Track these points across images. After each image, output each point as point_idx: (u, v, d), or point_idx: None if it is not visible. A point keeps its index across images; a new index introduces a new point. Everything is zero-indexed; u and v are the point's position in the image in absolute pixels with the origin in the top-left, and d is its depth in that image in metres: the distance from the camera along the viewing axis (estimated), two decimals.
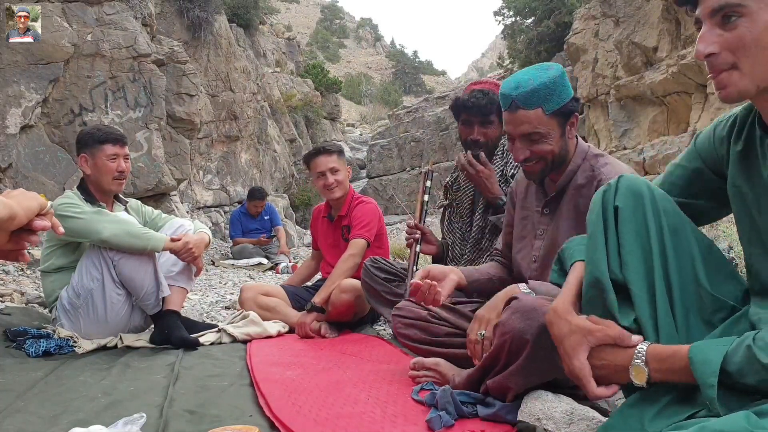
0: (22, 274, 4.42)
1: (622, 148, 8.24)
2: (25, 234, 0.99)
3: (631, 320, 1.14)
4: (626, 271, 1.15)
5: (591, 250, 1.20)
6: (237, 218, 7.46)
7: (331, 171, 3.20)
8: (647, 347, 1.10)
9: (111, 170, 2.74)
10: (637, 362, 1.08)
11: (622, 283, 1.15)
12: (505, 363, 1.57)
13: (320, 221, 3.43)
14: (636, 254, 1.16)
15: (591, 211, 1.23)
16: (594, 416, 1.47)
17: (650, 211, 1.17)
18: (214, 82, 9.03)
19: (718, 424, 0.89)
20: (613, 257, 1.16)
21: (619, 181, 1.21)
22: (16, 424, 1.66)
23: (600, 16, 9.09)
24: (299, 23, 43.06)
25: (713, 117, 6.37)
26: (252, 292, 3.24)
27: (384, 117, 22.29)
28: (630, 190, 1.19)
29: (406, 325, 2.12)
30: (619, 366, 1.12)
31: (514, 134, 1.76)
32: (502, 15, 15.03)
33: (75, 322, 2.67)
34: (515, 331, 1.51)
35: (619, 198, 1.19)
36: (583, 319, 1.18)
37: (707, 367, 1.00)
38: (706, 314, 1.18)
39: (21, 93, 5.32)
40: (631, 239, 1.16)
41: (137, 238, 2.60)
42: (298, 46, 18.33)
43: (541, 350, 1.49)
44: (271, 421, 1.68)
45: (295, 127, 13.10)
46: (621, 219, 1.18)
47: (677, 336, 1.14)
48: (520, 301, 1.55)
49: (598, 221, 1.20)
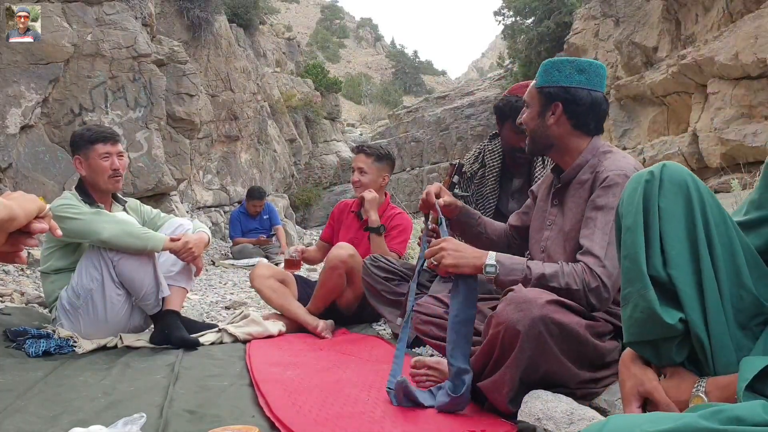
0: (22, 274, 4.42)
1: (622, 148, 8.24)
2: (23, 236, 0.99)
3: (676, 319, 1.08)
4: (671, 268, 1.09)
5: (629, 244, 1.14)
6: (236, 218, 7.46)
7: (359, 170, 3.21)
8: (706, 381, 1.07)
9: (105, 169, 2.73)
10: (698, 394, 1.06)
11: (664, 281, 1.10)
12: (499, 355, 1.57)
13: (347, 215, 3.39)
14: (682, 251, 1.10)
15: (629, 203, 1.16)
16: (594, 416, 1.47)
17: (697, 206, 1.11)
18: (214, 82, 9.03)
19: (736, 409, 0.88)
20: (655, 254, 1.10)
21: (663, 172, 1.13)
22: (16, 424, 1.66)
23: (600, 16, 9.10)
24: (299, 23, 43.04)
25: (713, 117, 6.37)
26: (267, 270, 3.22)
27: (384, 117, 22.28)
28: (674, 184, 1.12)
29: (424, 322, 2.15)
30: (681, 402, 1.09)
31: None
32: (502, 15, 15.05)
33: (75, 322, 2.66)
34: (508, 322, 1.52)
35: (664, 193, 1.12)
36: (642, 369, 1.16)
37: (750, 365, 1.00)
38: (744, 317, 1.11)
39: (21, 93, 5.32)
40: (677, 235, 1.10)
41: (136, 239, 2.60)
42: (298, 46, 18.31)
43: (533, 341, 1.50)
44: (272, 421, 1.68)
45: (295, 127, 13.10)
46: (665, 215, 1.11)
47: (729, 338, 1.09)
48: (515, 293, 1.56)
49: (638, 215, 1.13)
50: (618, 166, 1.72)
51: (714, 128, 6.31)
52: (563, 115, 1.80)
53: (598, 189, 1.72)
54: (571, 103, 1.78)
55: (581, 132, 1.82)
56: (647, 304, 1.10)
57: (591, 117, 1.80)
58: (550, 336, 1.51)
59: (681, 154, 6.88)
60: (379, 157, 3.23)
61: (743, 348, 1.10)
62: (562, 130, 1.82)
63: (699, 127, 6.62)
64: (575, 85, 1.77)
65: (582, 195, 1.78)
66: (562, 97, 1.78)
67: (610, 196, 1.68)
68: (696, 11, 6.92)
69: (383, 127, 17.86)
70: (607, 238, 1.64)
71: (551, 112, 1.80)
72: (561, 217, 1.85)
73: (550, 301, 1.52)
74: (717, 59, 6.14)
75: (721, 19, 6.46)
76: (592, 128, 1.83)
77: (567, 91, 1.78)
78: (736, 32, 6.03)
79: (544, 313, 1.50)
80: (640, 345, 1.15)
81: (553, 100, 1.79)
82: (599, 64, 1.84)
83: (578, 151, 1.83)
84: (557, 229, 1.85)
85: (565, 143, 1.83)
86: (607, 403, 1.62)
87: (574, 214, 1.79)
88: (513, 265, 1.69)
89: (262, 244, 7.22)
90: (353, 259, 2.97)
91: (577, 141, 1.83)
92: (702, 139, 6.56)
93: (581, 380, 1.61)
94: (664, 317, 1.08)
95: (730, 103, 6.19)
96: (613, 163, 1.74)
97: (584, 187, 1.78)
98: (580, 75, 1.77)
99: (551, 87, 1.79)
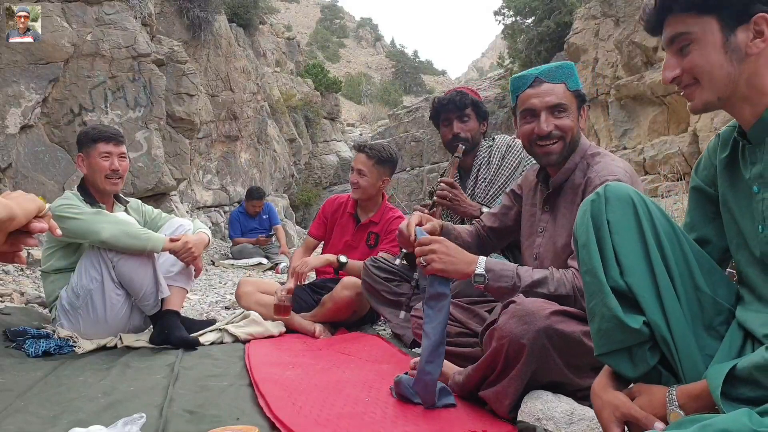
0: (22, 274, 4.42)
1: (622, 148, 8.24)
2: (23, 236, 0.99)
3: (640, 323, 1.13)
4: (628, 276, 1.15)
5: (586, 260, 1.20)
6: (236, 218, 7.46)
7: (358, 171, 3.16)
8: (676, 391, 1.10)
9: (103, 168, 2.73)
10: (674, 409, 1.09)
11: (624, 290, 1.15)
12: (503, 368, 1.57)
13: (341, 216, 3.31)
14: (637, 259, 1.16)
15: (580, 223, 1.23)
16: (594, 416, 1.47)
17: (644, 217, 1.18)
18: (214, 82, 9.02)
19: (721, 421, 0.89)
20: (611, 265, 1.16)
21: (607, 191, 1.22)
22: (16, 424, 1.66)
23: (600, 16, 9.09)
24: (299, 23, 43.04)
25: (713, 117, 6.37)
26: (250, 287, 3.18)
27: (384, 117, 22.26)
28: (620, 200, 1.20)
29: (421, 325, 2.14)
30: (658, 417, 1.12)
31: (539, 107, 1.77)
32: (502, 15, 15.03)
33: (75, 322, 2.66)
34: (512, 335, 1.51)
35: (611, 209, 1.20)
36: (614, 395, 1.18)
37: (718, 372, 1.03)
38: (707, 318, 1.18)
39: (21, 93, 5.31)
40: (629, 246, 1.17)
41: (136, 239, 2.60)
42: (298, 46, 18.30)
43: (537, 354, 1.50)
44: (272, 421, 1.68)
45: (295, 127, 13.09)
46: (615, 228, 1.18)
47: (692, 336, 1.15)
48: (518, 305, 1.55)
49: (589, 232, 1.20)
50: (609, 171, 1.71)
51: (714, 128, 6.31)
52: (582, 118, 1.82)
53: (589, 194, 1.71)
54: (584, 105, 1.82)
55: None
56: (611, 312, 1.15)
57: None
58: (554, 348, 1.51)
59: (681, 154, 6.88)
60: (380, 161, 3.14)
61: (708, 347, 1.16)
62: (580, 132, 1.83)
63: (699, 127, 6.62)
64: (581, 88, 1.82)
65: (574, 200, 1.77)
66: (586, 98, 1.82)
67: None
68: None
69: (383, 127, 17.84)
70: None
71: (581, 113, 1.81)
72: (553, 224, 1.84)
73: (552, 312, 1.51)
74: None
75: None
76: None
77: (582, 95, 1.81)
78: None
79: (548, 325, 1.49)
80: (614, 357, 1.19)
81: (584, 101, 1.81)
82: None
83: (576, 146, 1.83)
84: (549, 236, 1.84)
85: (577, 142, 1.83)
86: None
87: (567, 220, 1.78)
88: (503, 271, 1.68)
89: (261, 243, 7.22)
90: (358, 297, 2.94)
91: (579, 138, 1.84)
92: (702, 139, 6.57)
93: (584, 387, 1.61)
94: (628, 322, 1.14)
95: None
96: (604, 167, 1.74)
97: (576, 192, 1.77)
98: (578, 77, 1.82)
99: (580, 88, 1.81)
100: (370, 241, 3.21)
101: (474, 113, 2.72)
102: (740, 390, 1.01)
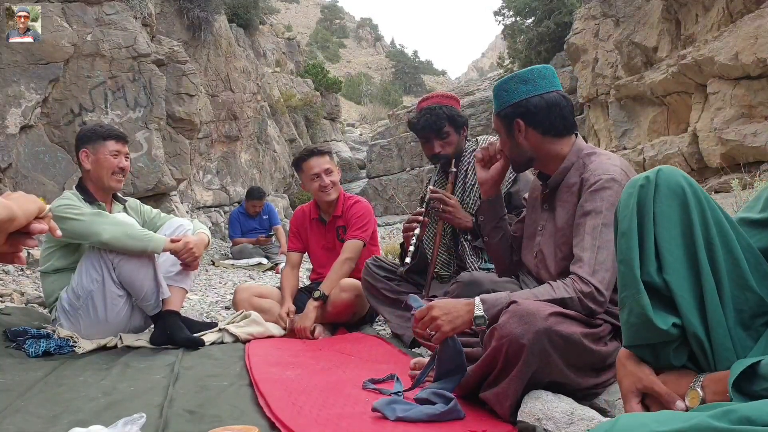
0: (22, 274, 4.42)
1: (622, 148, 8.24)
2: (23, 237, 0.99)
3: (669, 324, 1.08)
4: (667, 274, 1.09)
5: (624, 249, 1.14)
6: (236, 218, 7.45)
7: (326, 172, 3.14)
8: (704, 377, 1.07)
9: (112, 165, 2.75)
10: (695, 387, 1.06)
11: (659, 287, 1.10)
12: (502, 368, 1.57)
13: (309, 224, 3.32)
14: (679, 256, 1.09)
15: (624, 207, 1.15)
16: (594, 416, 1.47)
17: (695, 211, 1.10)
18: (214, 82, 9.02)
19: (746, 408, 0.87)
20: (650, 260, 1.10)
21: (659, 177, 1.13)
22: (16, 424, 1.67)
23: (600, 16, 9.10)
24: (299, 23, 43.04)
25: (713, 117, 6.37)
26: (246, 293, 3.21)
27: (384, 117, 22.25)
28: (670, 188, 1.12)
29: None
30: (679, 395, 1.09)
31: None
32: (502, 15, 15.05)
33: (75, 323, 2.66)
34: (512, 335, 1.51)
35: (660, 198, 1.12)
36: (638, 366, 1.15)
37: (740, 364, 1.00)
38: (746, 317, 1.10)
39: (21, 93, 5.31)
40: (674, 242, 1.10)
41: (137, 240, 2.60)
42: (298, 46, 18.31)
43: (537, 355, 1.50)
44: (272, 421, 1.68)
45: (295, 127, 13.09)
46: (660, 220, 1.11)
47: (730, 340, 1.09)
48: (519, 305, 1.55)
49: (633, 219, 1.13)
50: (604, 169, 1.72)
51: (714, 128, 6.31)
52: (528, 128, 1.82)
53: (585, 193, 1.72)
54: (529, 114, 1.81)
55: (552, 136, 1.83)
56: (641, 309, 1.10)
57: (554, 118, 1.80)
58: (554, 349, 1.51)
59: (681, 154, 6.88)
60: (330, 153, 3.29)
61: (746, 348, 1.09)
62: (534, 141, 1.84)
63: (699, 127, 6.62)
64: (525, 97, 1.80)
65: (571, 199, 1.78)
66: (518, 112, 1.82)
67: (597, 200, 1.68)
68: (696, 11, 6.91)
69: (383, 127, 17.84)
70: (596, 241, 1.64)
71: (517, 130, 1.83)
72: (552, 222, 1.85)
73: (552, 313, 1.52)
74: (717, 59, 6.13)
75: (721, 19, 6.46)
76: (562, 128, 1.83)
77: (519, 106, 1.81)
78: (736, 32, 6.02)
79: (548, 326, 1.49)
80: (639, 348, 1.16)
81: (512, 119, 1.83)
82: (542, 67, 1.87)
83: (561, 154, 1.83)
84: (548, 234, 1.86)
85: (544, 151, 1.84)
86: (607, 403, 1.62)
87: (565, 217, 1.79)
88: (497, 300, 1.66)
89: (261, 244, 7.22)
90: (357, 299, 2.97)
91: (555, 146, 1.83)
92: (702, 139, 6.56)
93: (584, 387, 1.61)
94: (657, 322, 1.09)
95: (730, 103, 6.19)
96: (599, 166, 1.74)
97: (572, 191, 1.79)
98: (525, 85, 1.81)
99: (505, 108, 1.84)
100: (340, 236, 3.22)
101: (452, 127, 2.66)
102: (761, 386, 0.97)
